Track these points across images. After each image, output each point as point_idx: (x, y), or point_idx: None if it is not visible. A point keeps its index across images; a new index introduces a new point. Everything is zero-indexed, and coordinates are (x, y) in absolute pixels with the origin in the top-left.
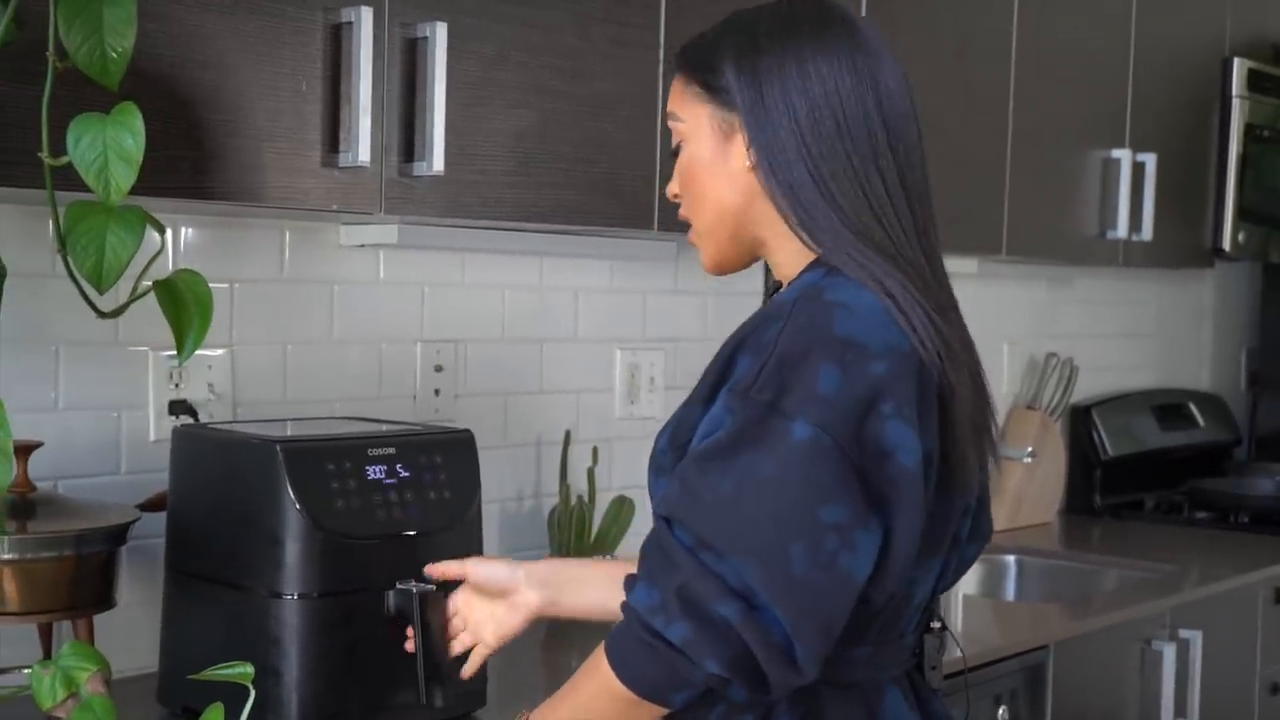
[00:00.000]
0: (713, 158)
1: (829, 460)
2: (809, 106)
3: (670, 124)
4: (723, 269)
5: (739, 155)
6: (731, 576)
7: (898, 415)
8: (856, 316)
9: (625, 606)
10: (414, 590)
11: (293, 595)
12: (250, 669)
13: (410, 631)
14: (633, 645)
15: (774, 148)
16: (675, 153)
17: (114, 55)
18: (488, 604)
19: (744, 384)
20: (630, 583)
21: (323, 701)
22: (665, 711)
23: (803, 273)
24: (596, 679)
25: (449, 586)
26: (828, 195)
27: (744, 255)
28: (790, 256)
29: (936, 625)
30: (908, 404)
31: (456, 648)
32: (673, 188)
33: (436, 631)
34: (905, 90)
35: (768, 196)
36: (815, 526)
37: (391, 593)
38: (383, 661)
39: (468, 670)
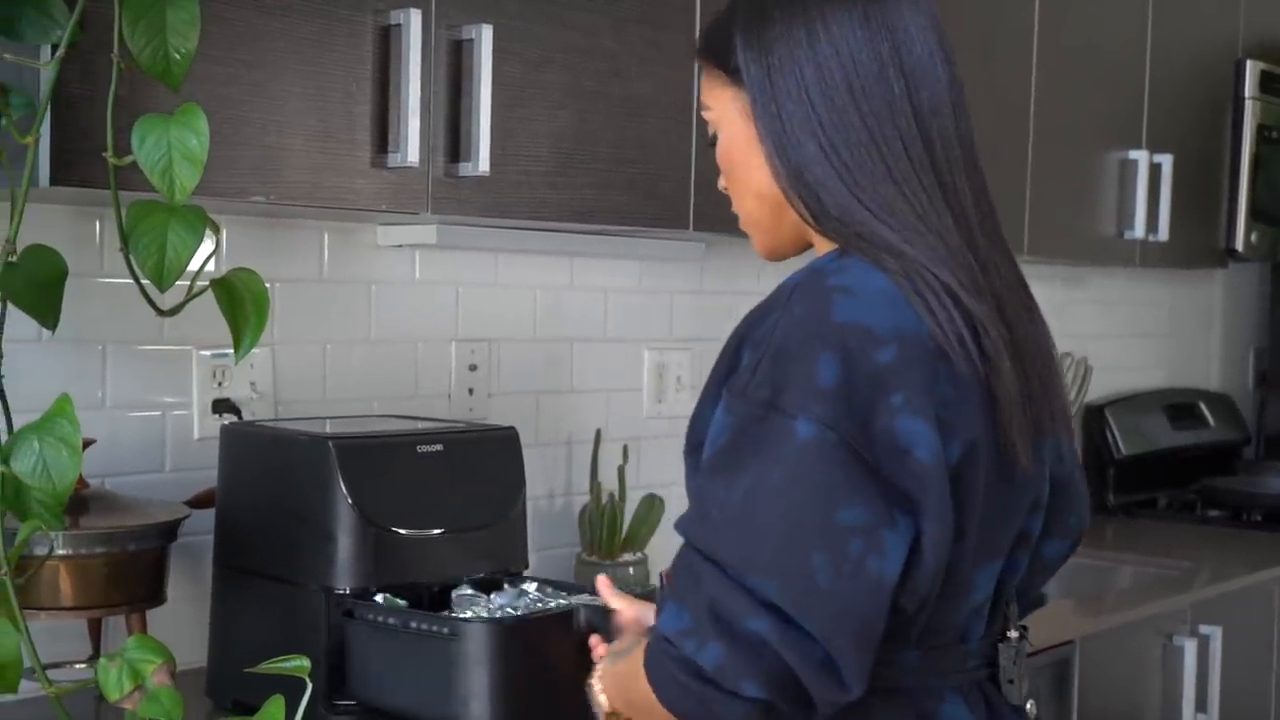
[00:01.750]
0: (745, 144)
1: (839, 458)
2: (819, 72)
3: (703, 114)
4: (775, 255)
5: None
6: (759, 590)
7: (908, 408)
8: (859, 300)
9: (655, 632)
10: (609, 609)
11: (345, 590)
12: (307, 662)
13: (601, 650)
14: (669, 673)
15: (782, 128)
16: (713, 143)
17: (177, 56)
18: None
19: (741, 382)
20: (661, 603)
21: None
22: None
23: (822, 256)
24: (641, 684)
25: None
26: (841, 169)
27: (794, 240)
28: (825, 241)
29: (1014, 634)
30: (920, 394)
31: None
32: (720, 181)
33: None
34: (931, 33)
35: (775, 181)
36: (835, 532)
37: (584, 608)
38: None
39: None
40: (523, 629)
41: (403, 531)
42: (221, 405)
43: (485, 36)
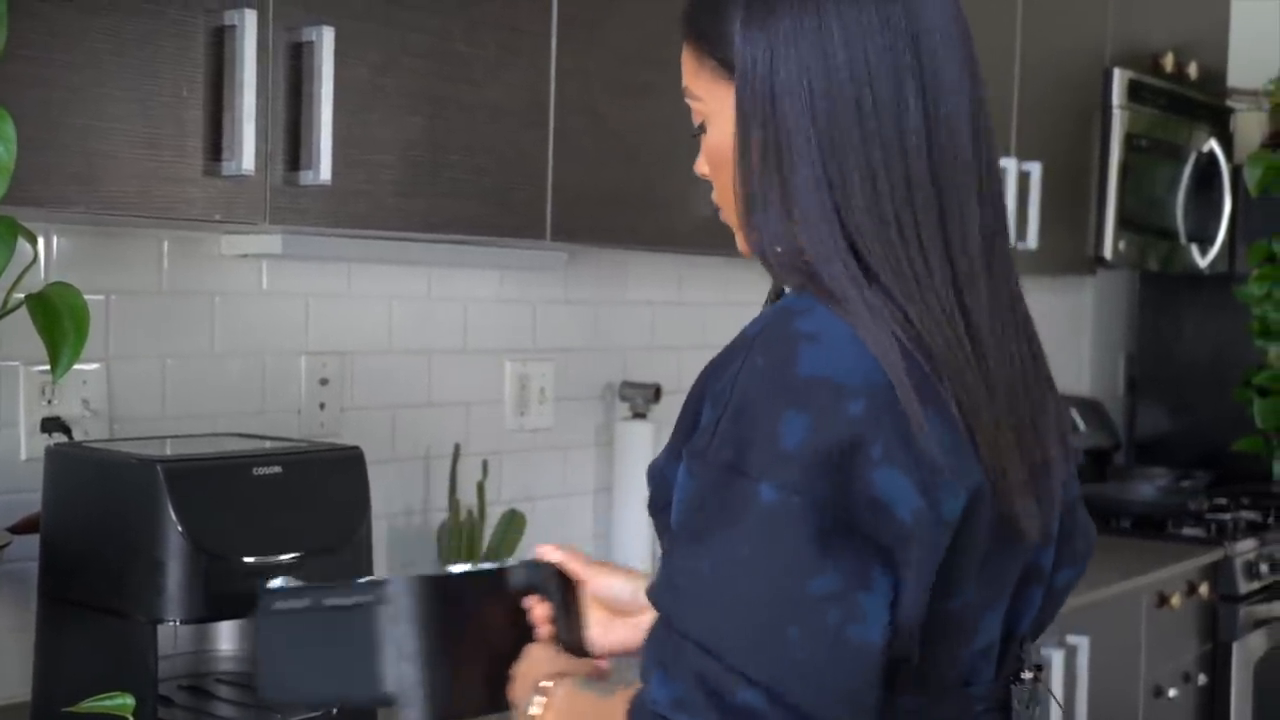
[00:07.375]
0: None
1: (803, 523)
2: (826, 83)
3: (688, 101)
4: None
5: None
6: (740, 668)
7: (886, 460)
8: (827, 349)
9: (644, 700)
10: (552, 567)
11: (175, 621)
12: (130, 700)
13: (540, 611)
14: None
15: (778, 142)
16: (698, 132)
17: None
18: (603, 619)
19: (701, 442)
20: (645, 671)
21: None
22: None
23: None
24: None
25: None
26: (828, 197)
27: None
28: None
29: (1027, 675)
30: (899, 446)
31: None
32: (700, 167)
33: (573, 616)
34: (958, 36)
35: (741, 204)
36: (809, 603)
37: (521, 566)
38: None
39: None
40: (451, 585)
41: (237, 559)
42: (51, 424)
43: (327, 39)
